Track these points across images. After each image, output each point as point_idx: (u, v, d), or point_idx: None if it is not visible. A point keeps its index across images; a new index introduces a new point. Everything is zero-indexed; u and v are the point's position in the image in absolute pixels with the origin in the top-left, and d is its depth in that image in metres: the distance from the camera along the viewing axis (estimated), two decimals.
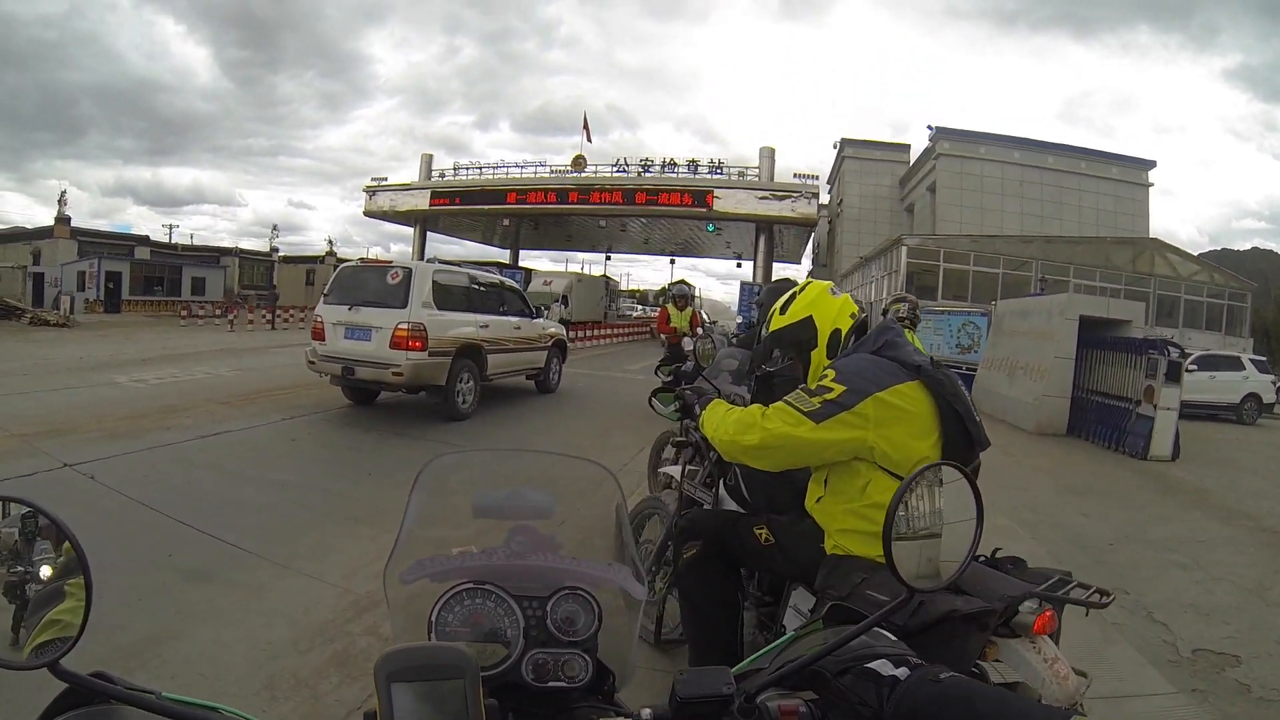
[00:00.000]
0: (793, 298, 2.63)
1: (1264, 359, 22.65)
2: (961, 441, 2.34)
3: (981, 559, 2.26)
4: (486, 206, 35.04)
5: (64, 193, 44.25)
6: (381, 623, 3.95)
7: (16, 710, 0.92)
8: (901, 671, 1.04)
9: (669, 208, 32.39)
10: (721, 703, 1.01)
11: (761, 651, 1.31)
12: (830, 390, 2.25)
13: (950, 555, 1.19)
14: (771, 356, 2.67)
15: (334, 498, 6.43)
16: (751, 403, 2.75)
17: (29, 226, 49.07)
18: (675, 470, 3.78)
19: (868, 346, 2.44)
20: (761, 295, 5.44)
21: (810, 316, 2.55)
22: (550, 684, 1.18)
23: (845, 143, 53.82)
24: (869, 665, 1.07)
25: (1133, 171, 44.19)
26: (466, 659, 0.91)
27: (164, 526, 5.24)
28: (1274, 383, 20.66)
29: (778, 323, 2.62)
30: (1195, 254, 36.44)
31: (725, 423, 2.45)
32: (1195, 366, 13.28)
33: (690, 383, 4.00)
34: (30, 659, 0.89)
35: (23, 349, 16.80)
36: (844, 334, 2.54)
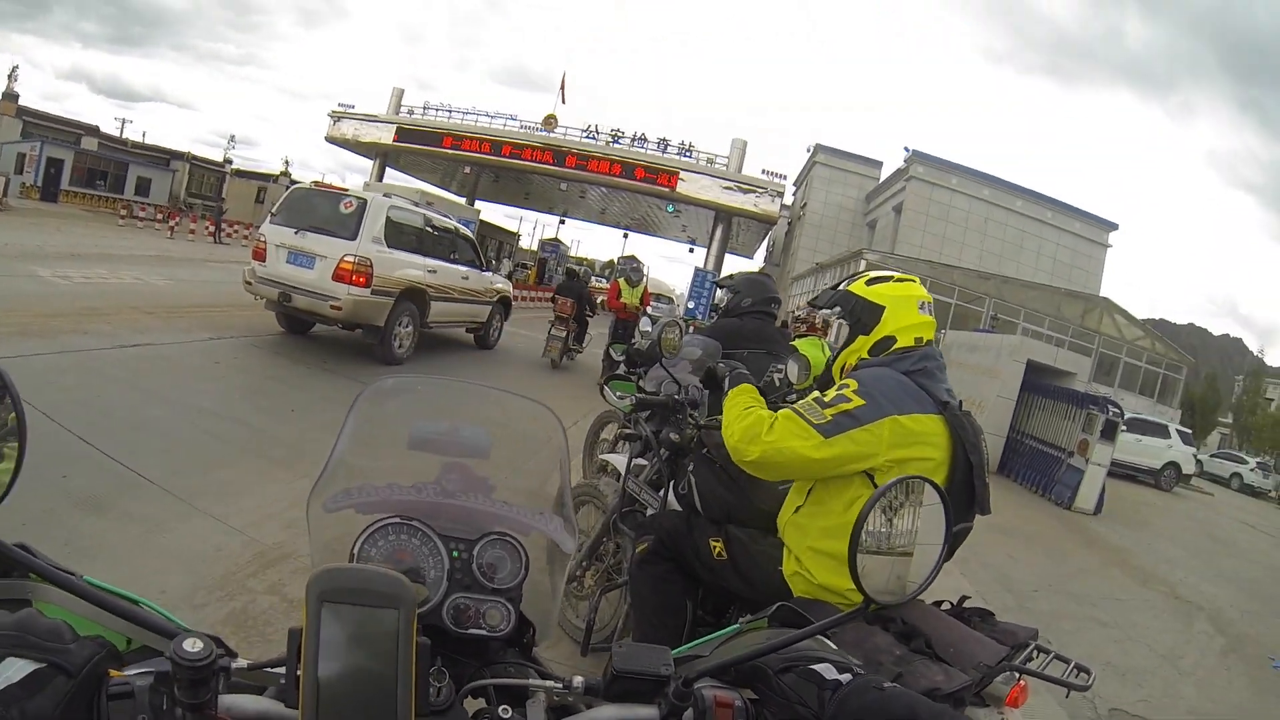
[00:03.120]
0: (886, 278, 2.48)
1: (1189, 431, 24.01)
2: (964, 497, 2.20)
3: (948, 606, 2.14)
4: (449, 150, 34.22)
5: (15, 68, 42.69)
6: (286, 581, 3.78)
7: None
8: (845, 677, 1.03)
9: (631, 181, 32.00)
10: (657, 683, 1.00)
11: (704, 639, 1.31)
12: (848, 401, 2.13)
13: (916, 575, 1.20)
14: (831, 306, 2.53)
15: (252, 432, 6.11)
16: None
17: None
18: (617, 460, 3.58)
19: (903, 365, 2.29)
20: (738, 282, 5.24)
21: (884, 309, 2.39)
22: (470, 630, 1.13)
23: (819, 148, 53.74)
24: (813, 667, 1.05)
25: (1095, 230, 45.23)
26: (406, 589, 0.84)
27: (63, 442, 4.82)
28: (1194, 455, 21.67)
29: (858, 288, 2.47)
30: (1139, 318, 37.33)
31: (736, 425, 2.27)
32: (1125, 427, 13.62)
33: (644, 365, 3.81)
34: None
35: None
36: (895, 348, 2.37)
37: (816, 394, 2.23)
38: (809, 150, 55.98)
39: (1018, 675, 1.88)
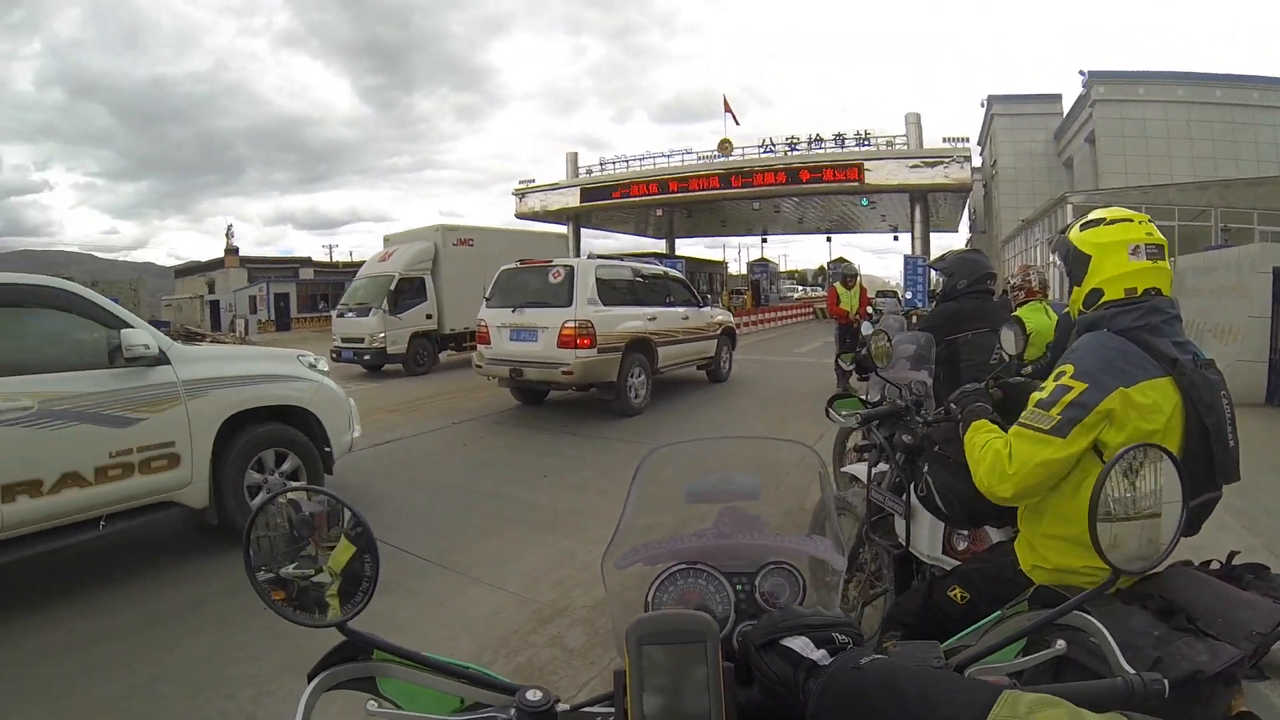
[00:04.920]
0: (1098, 221, 2.22)
1: None
2: (1200, 463, 1.93)
3: (1217, 566, 1.91)
4: (637, 198, 34.81)
5: (230, 226, 48.48)
6: (564, 634, 4.01)
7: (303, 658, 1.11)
8: (821, 655, 1.03)
9: (820, 184, 31.27)
10: None
11: (968, 630, 1.33)
12: (1069, 390, 1.96)
13: (1166, 536, 1.18)
14: (1055, 252, 2.35)
15: (509, 503, 6.34)
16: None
17: (202, 260, 53.18)
18: (860, 470, 3.51)
19: (1122, 323, 2.05)
20: (949, 264, 4.99)
21: (1090, 258, 2.16)
22: None
23: (993, 99, 50.15)
24: (786, 643, 1.05)
25: None
26: (709, 624, 0.94)
27: None
28: None
29: (1073, 234, 2.25)
30: None
31: (979, 469, 2.15)
32: None
33: (870, 371, 3.65)
34: (322, 619, 1.07)
35: None
36: (1103, 300, 2.12)
37: (1036, 395, 2.05)
38: (983, 104, 52.68)
39: None
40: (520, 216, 38.55)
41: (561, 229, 33.67)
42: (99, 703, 3.48)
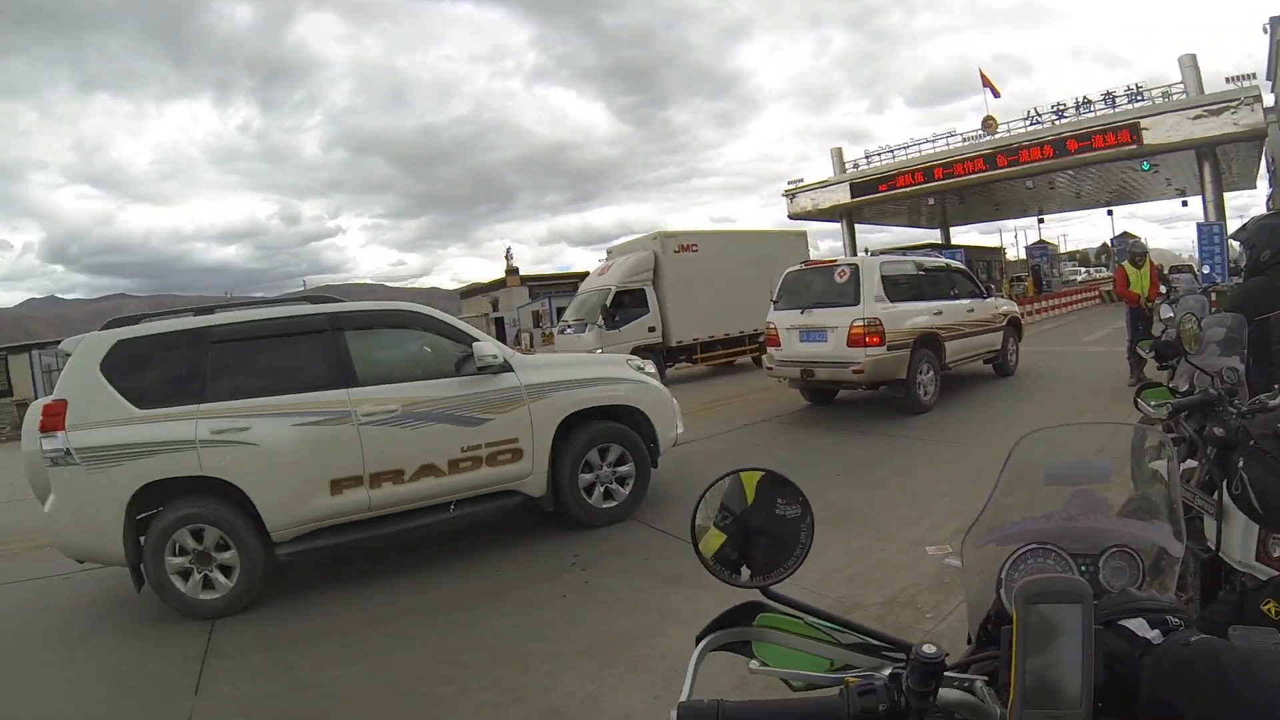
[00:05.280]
0: None
1: None
2: None
3: None
4: (906, 189, 33.85)
5: (509, 249, 51.71)
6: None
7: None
8: (1155, 635, 1.06)
9: (1097, 152, 28.60)
10: None
11: None
12: None
13: None
14: None
15: None
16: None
17: (484, 281, 57.56)
18: (1160, 466, 3.32)
19: None
20: (1250, 233, 4.64)
21: None
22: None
23: (1275, 22, 43.19)
24: (1125, 623, 1.09)
25: None
26: (1085, 587, 0.99)
27: (638, 532, 5.92)
28: None
29: None
30: None
31: None
32: None
33: (1175, 357, 3.52)
34: (755, 580, 1.23)
35: None
36: None
37: None
38: (1265, 29, 45.05)
39: None
40: (793, 217, 38.33)
41: (818, 225, 33.12)
42: (410, 666, 4.11)
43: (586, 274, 55.40)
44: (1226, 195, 31.41)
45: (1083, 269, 68.56)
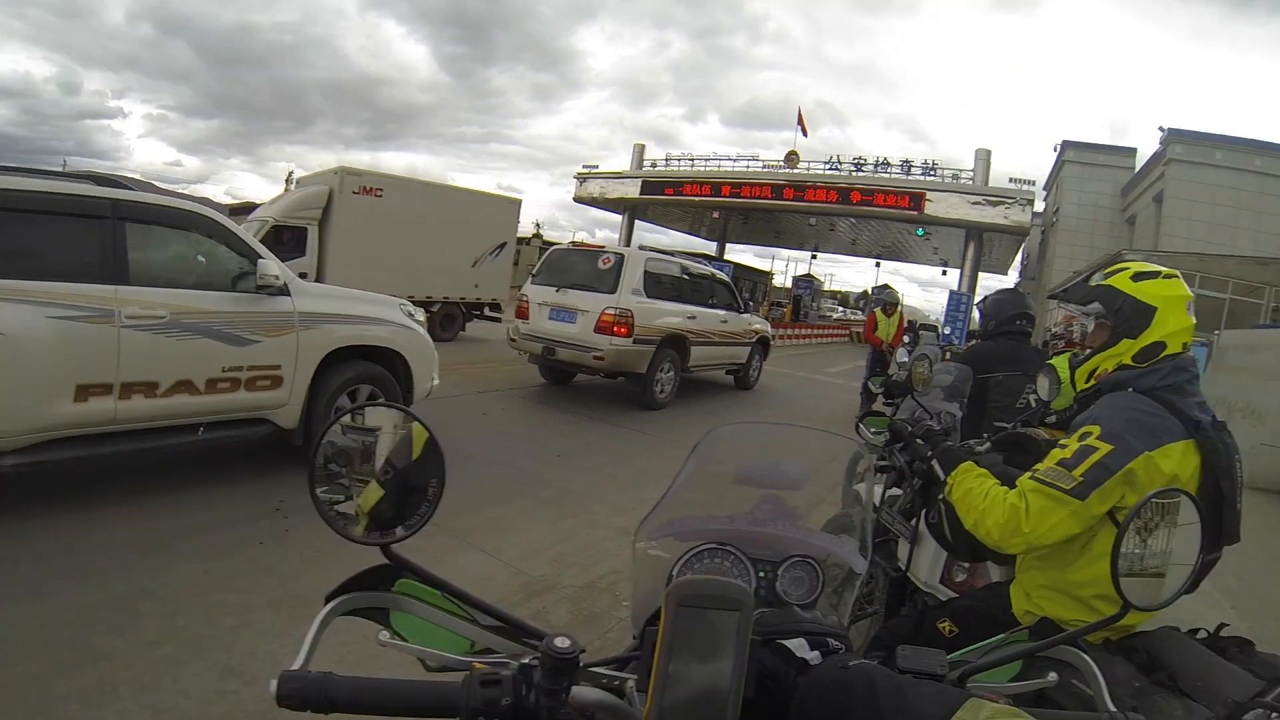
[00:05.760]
0: (1154, 274, 2.19)
1: None
2: (1209, 527, 1.86)
3: (1204, 635, 1.93)
4: (697, 197, 34.76)
5: (291, 173, 48.87)
6: (549, 609, 4.08)
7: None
8: (814, 656, 1.09)
9: (881, 209, 31.10)
10: (934, 680, 1.04)
11: (972, 647, 1.36)
12: (1094, 450, 1.92)
13: (1170, 591, 1.23)
14: (1087, 303, 2.29)
15: (520, 475, 6.43)
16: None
17: (259, 202, 54.02)
18: (865, 490, 3.43)
19: (1150, 380, 2.06)
20: (987, 305, 5.16)
21: (1156, 309, 2.12)
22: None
23: (1066, 145, 48.79)
24: (784, 642, 1.10)
25: None
26: (745, 595, 0.92)
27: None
28: None
29: (1121, 282, 2.21)
30: None
31: (986, 519, 2.06)
32: None
33: (901, 396, 3.67)
34: (373, 536, 1.08)
35: None
36: (1162, 356, 2.10)
37: (1057, 452, 2.01)
38: (1055, 149, 51.63)
39: (1273, 714, 1.60)
40: (578, 200, 38.83)
41: (600, 213, 33.48)
42: (82, 608, 3.58)
43: None
44: (982, 274, 34.71)
45: (841, 308, 72.95)
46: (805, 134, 36.07)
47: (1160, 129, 39.34)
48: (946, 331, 29.00)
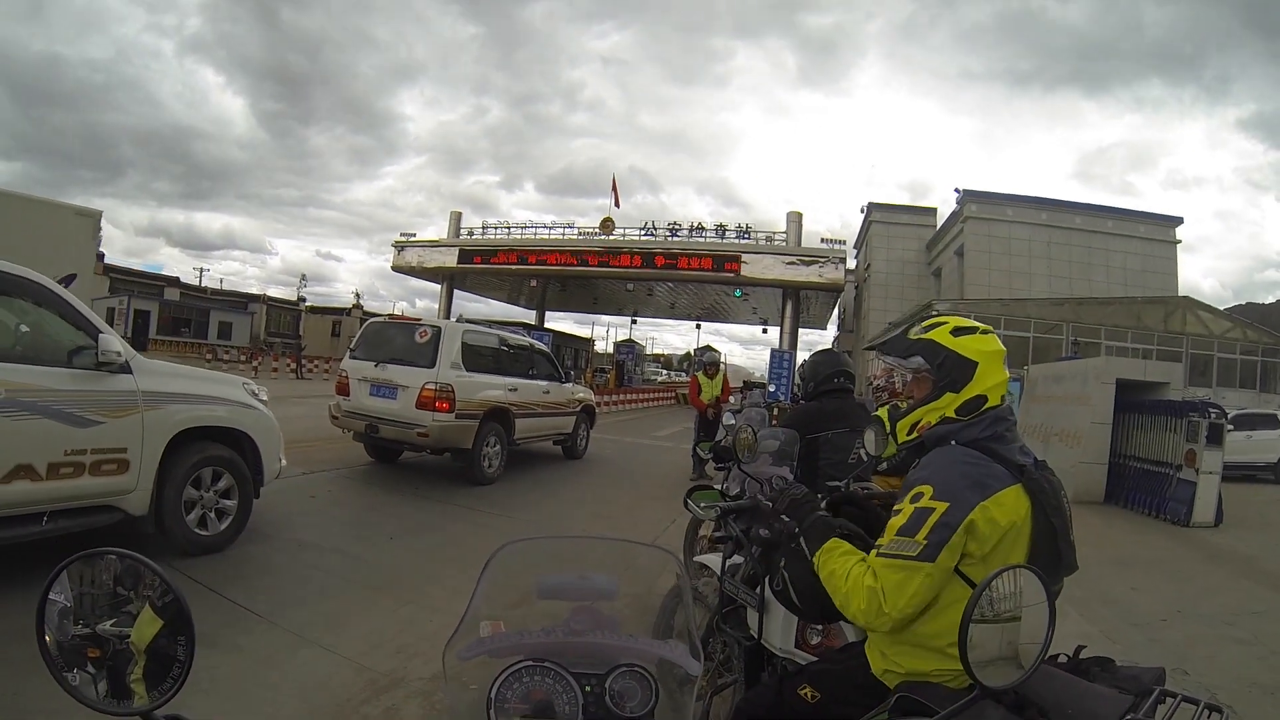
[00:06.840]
0: (972, 330, 2.29)
1: None
2: (1048, 560, 2.02)
3: (1064, 659, 2.04)
4: (514, 266, 35.06)
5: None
6: (400, 706, 3.80)
7: None
8: None
9: (696, 272, 32.32)
10: None
11: None
12: (931, 511, 1.96)
13: (1027, 647, 1.26)
14: (908, 356, 2.34)
15: (352, 562, 6.19)
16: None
17: None
18: (712, 560, 3.45)
19: (972, 433, 2.14)
20: (804, 368, 5.37)
21: (977, 364, 2.21)
22: None
23: (872, 207, 53.60)
24: None
25: (1160, 229, 42.70)
26: None
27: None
28: None
29: (941, 337, 2.28)
30: (1222, 309, 35.87)
31: (852, 602, 2.05)
32: (1232, 426, 12.57)
33: (730, 461, 3.79)
34: (126, 706, 0.99)
35: None
36: (984, 408, 2.19)
37: (894, 522, 2.04)
38: (863, 211, 55.81)
39: None
40: (396, 269, 38.43)
41: (420, 283, 33.10)
42: None
43: (177, 279, 50.23)
44: (801, 331, 36.88)
45: (665, 371, 74.26)
46: (618, 204, 37.04)
47: (956, 190, 43.89)
48: (772, 389, 29.88)
